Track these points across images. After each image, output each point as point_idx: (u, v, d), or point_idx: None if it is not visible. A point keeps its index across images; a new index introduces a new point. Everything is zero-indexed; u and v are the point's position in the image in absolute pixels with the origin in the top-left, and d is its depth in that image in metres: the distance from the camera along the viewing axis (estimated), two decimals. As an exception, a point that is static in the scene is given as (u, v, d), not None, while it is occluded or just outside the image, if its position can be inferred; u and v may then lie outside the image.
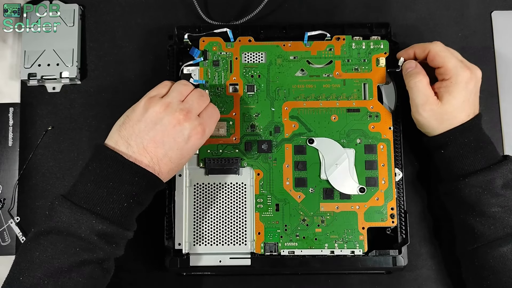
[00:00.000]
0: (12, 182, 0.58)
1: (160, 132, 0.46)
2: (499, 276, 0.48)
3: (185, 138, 0.46)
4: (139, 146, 0.45)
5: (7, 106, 0.60)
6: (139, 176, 0.44)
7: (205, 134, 0.48)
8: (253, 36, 0.56)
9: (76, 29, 0.60)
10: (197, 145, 0.48)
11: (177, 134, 0.46)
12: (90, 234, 0.42)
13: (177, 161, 0.47)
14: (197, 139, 0.47)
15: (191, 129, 0.46)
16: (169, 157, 0.46)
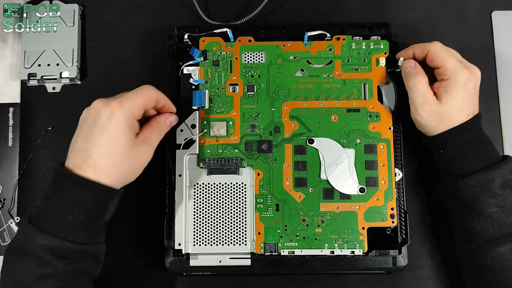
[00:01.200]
0: (12, 182, 0.58)
1: (84, 129, 0.46)
2: (497, 276, 0.48)
3: (104, 118, 0.45)
4: (73, 151, 0.45)
5: (7, 106, 0.60)
6: (81, 187, 0.44)
7: (123, 106, 0.45)
8: (253, 36, 0.56)
9: (76, 29, 0.60)
10: (119, 118, 0.45)
11: (96, 119, 0.45)
12: (37, 249, 0.43)
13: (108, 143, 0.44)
14: (116, 112, 0.45)
15: (105, 108, 0.45)
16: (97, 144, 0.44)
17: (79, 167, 0.44)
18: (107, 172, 0.45)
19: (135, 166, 0.46)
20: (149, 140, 0.48)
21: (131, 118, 0.46)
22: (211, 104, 0.55)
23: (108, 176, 0.45)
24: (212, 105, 0.55)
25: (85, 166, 0.44)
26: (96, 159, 0.44)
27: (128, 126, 0.45)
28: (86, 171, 0.44)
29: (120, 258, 0.57)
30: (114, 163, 0.45)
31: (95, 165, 0.44)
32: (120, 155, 0.45)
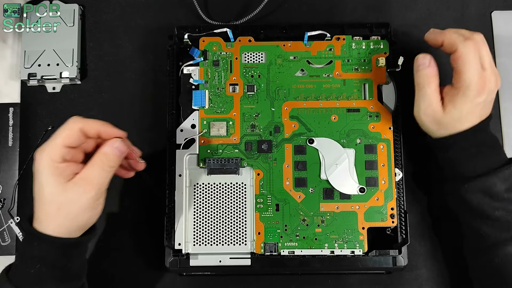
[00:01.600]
0: (12, 182, 0.58)
1: None
2: (505, 275, 0.47)
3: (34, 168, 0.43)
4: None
5: (7, 106, 0.60)
6: (37, 240, 0.43)
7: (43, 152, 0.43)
8: (253, 36, 0.56)
9: (76, 29, 0.60)
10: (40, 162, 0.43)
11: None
12: None
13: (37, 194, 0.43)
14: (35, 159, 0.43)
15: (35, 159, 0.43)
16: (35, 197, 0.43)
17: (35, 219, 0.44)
18: (48, 223, 0.43)
19: (74, 212, 0.43)
20: (86, 179, 0.43)
21: (53, 162, 0.42)
22: (211, 104, 0.55)
23: (50, 227, 0.43)
24: (212, 105, 0.55)
25: (36, 220, 0.44)
26: (38, 213, 0.43)
27: (51, 173, 0.42)
28: (38, 224, 0.43)
29: (120, 258, 0.57)
30: (48, 214, 0.43)
31: (38, 218, 0.43)
32: (50, 205, 0.43)
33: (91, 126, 0.44)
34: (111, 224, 0.57)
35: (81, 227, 0.44)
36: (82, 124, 0.44)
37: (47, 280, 0.43)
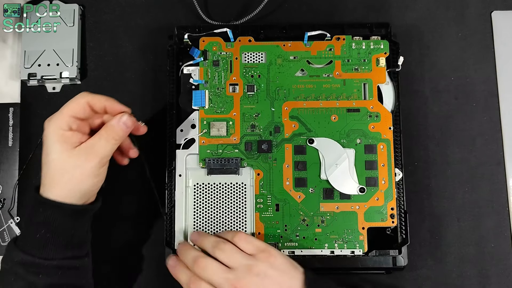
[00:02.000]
0: (12, 182, 0.58)
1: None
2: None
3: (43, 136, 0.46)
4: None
5: (7, 106, 0.60)
6: (42, 206, 0.44)
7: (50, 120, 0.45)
8: (253, 36, 0.56)
9: (76, 29, 0.60)
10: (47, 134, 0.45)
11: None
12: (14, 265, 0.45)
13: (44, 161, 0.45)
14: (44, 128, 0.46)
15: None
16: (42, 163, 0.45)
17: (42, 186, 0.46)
18: (52, 188, 0.45)
19: (77, 177, 0.44)
20: (91, 147, 0.45)
21: (60, 130, 0.45)
22: (211, 104, 0.55)
23: (54, 193, 0.44)
24: (212, 105, 0.55)
25: (40, 185, 0.46)
26: (42, 178, 0.45)
27: (57, 140, 0.44)
28: (44, 191, 0.45)
29: (120, 257, 0.57)
30: (53, 179, 0.45)
31: (43, 184, 0.45)
32: (55, 170, 0.44)
33: (98, 99, 0.46)
34: (111, 224, 0.57)
35: (83, 194, 0.45)
36: (89, 97, 0.46)
37: (51, 245, 0.44)
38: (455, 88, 0.60)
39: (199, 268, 0.46)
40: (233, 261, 0.46)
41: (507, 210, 0.57)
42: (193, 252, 0.48)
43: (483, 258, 0.56)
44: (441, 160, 0.58)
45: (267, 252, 0.47)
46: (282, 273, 0.46)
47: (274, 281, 0.45)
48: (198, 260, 0.47)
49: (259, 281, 0.45)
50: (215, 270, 0.46)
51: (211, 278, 0.45)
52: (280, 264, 0.46)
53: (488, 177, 0.58)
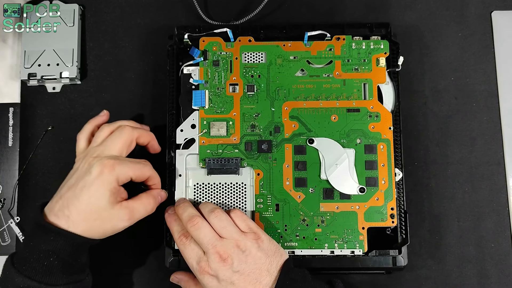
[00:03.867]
0: (12, 182, 0.58)
1: (74, 178, 0.48)
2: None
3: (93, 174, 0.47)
4: (56, 196, 0.47)
5: (7, 106, 0.60)
6: (54, 235, 0.45)
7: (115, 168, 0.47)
8: (253, 36, 0.56)
9: (76, 29, 0.60)
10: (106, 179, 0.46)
11: (86, 173, 0.47)
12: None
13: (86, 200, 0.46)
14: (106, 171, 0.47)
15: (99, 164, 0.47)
16: (77, 197, 0.46)
17: (55, 214, 0.46)
18: (77, 224, 0.46)
19: (105, 227, 0.47)
20: (132, 210, 0.48)
21: (116, 183, 0.47)
22: (211, 104, 0.55)
23: (77, 228, 0.46)
24: (212, 105, 0.55)
25: (60, 214, 0.46)
26: (71, 210, 0.46)
27: (110, 190, 0.47)
28: (60, 219, 0.46)
29: (120, 258, 0.57)
30: (86, 219, 0.46)
31: (68, 216, 0.46)
32: (93, 214, 0.46)
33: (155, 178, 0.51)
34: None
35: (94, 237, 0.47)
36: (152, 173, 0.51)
37: (57, 272, 0.45)
38: (455, 88, 0.60)
39: (193, 226, 0.48)
40: (225, 231, 0.48)
41: (507, 210, 0.57)
42: (191, 210, 0.50)
43: (483, 258, 0.57)
44: (441, 160, 0.58)
45: (257, 234, 0.48)
46: (264, 256, 0.47)
47: (255, 261, 0.47)
48: (194, 219, 0.48)
49: (242, 256, 0.46)
50: (206, 232, 0.47)
51: (201, 239, 0.47)
52: (266, 247, 0.48)
53: (488, 177, 0.58)
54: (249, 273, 0.46)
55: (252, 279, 0.46)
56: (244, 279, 0.46)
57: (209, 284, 0.47)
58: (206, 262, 0.47)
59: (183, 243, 0.48)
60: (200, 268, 0.47)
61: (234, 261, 0.46)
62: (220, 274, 0.46)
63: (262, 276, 0.46)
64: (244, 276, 0.46)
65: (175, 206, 0.52)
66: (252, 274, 0.46)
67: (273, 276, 0.47)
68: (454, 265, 0.56)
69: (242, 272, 0.46)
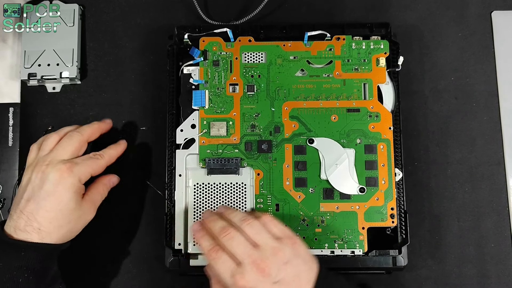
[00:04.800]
0: (12, 182, 0.58)
1: (30, 190, 0.47)
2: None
3: (52, 181, 0.46)
4: (16, 212, 0.47)
5: (7, 106, 0.60)
6: (23, 250, 0.44)
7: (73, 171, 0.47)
8: (253, 36, 0.56)
9: (76, 29, 0.60)
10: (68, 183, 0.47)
11: (44, 182, 0.47)
12: None
13: (55, 207, 0.46)
14: (65, 176, 0.47)
15: (55, 171, 0.47)
16: (44, 208, 0.46)
17: (23, 229, 0.45)
18: (51, 233, 0.46)
19: (78, 226, 0.48)
20: (93, 201, 0.50)
21: (79, 183, 0.48)
22: (211, 104, 0.55)
23: (52, 237, 0.46)
24: (212, 105, 0.55)
25: (29, 229, 0.45)
26: (41, 222, 0.45)
27: (75, 191, 0.47)
28: (30, 234, 0.45)
29: (120, 258, 0.57)
30: (60, 226, 0.46)
31: (39, 228, 0.45)
32: (65, 218, 0.47)
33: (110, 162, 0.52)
34: (111, 225, 0.57)
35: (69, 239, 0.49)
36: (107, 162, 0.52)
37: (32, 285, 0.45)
38: (455, 88, 0.60)
39: (226, 237, 0.45)
40: (261, 239, 0.44)
41: (507, 210, 0.57)
42: (222, 222, 0.47)
43: (483, 258, 0.57)
44: (441, 160, 0.58)
45: (293, 239, 0.45)
46: (303, 263, 0.45)
47: (295, 269, 0.44)
48: (227, 229, 0.45)
49: (281, 265, 0.43)
50: (241, 242, 0.44)
51: (235, 249, 0.44)
52: (303, 253, 0.45)
53: (488, 177, 0.58)
54: (289, 282, 0.43)
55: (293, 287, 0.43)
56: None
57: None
58: (242, 274, 0.42)
59: (213, 257, 0.45)
60: (235, 281, 0.42)
61: (273, 271, 0.42)
62: (260, 287, 0.42)
63: (302, 284, 0.44)
64: (284, 286, 0.43)
65: (203, 220, 0.49)
66: (293, 283, 0.43)
67: (310, 282, 0.44)
68: (454, 265, 0.56)
69: (281, 282, 0.43)
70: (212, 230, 0.47)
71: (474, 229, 0.57)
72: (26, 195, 0.47)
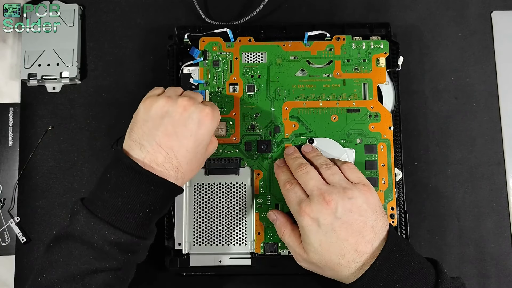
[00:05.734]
0: (12, 182, 0.58)
1: (169, 124, 0.44)
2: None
3: (196, 122, 0.45)
4: (152, 144, 0.44)
5: (7, 106, 0.60)
6: (154, 185, 0.43)
7: (215, 116, 0.46)
8: (253, 36, 0.56)
9: (76, 29, 0.60)
10: (209, 128, 0.46)
11: (187, 120, 0.44)
12: (104, 244, 0.41)
13: (194, 149, 0.45)
14: (208, 120, 0.45)
15: (199, 112, 0.45)
16: (185, 147, 0.44)
17: (161, 165, 0.43)
18: (185, 175, 0.45)
19: (196, 172, 0.48)
20: (209, 152, 0.49)
21: (214, 130, 0.47)
22: (211, 104, 0.55)
23: (184, 179, 0.45)
24: (212, 105, 0.55)
25: (167, 166, 0.44)
26: (181, 162, 0.44)
27: (210, 138, 0.47)
28: (169, 171, 0.44)
29: (120, 258, 0.57)
30: (192, 170, 0.46)
31: (178, 167, 0.44)
32: (198, 162, 0.47)
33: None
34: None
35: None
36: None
37: (148, 224, 0.44)
38: (455, 88, 0.60)
39: (301, 170, 0.47)
40: (333, 178, 0.46)
41: (507, 210, 0.57)
42: (302, 159, 0.50)
43: (483, 258, 0.57)
44: (441, 160, 0.58)
45: (367, 187, 0.46)
46: (371, 211, 0.44)
47: (360, 212, 0.44)
48: (304, 165, 0.48)
49: (347, 204, 0.44)
50: (314, 176, 0.46)
51: (308, 182, 0.46)
52: (375, 204, 0.45)
53: (488, 177, 0.58)
54: (352, 223, 0.43)
55: (355, 230, 0.43)
56: (346, 229, 0.43)
57: (308, 228, 0.44)
58: (308, 203, 0.44)
59: (287, 188, 0.47)
60: (300, 209, 0.44)
61: (338, 206, 0.43)
62: (321, 218, 0.43)
63: (366, 231, 0.43)
64: (346, 225, 0.43)
65: (285, 155, 0.52)
66: (355, 225, 0.43)
67: (377, 235, 0.44)
68: (454, 265, 0.56)
69: (345, 220, 0.43)
70: (291, 166, 0.49)
71: (474, 229, 0.57)
72: (164, 128, 0.44)
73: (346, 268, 0.44)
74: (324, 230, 0.43)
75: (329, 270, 0.45)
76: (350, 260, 0.43)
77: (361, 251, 0.43)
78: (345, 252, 0.43)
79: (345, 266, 0.44)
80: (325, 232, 0.43)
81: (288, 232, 0.48)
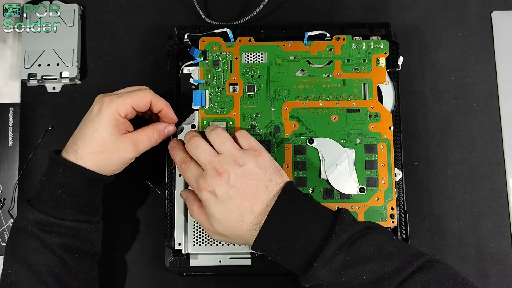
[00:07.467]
0: (12, 182, 0.58)
1: (82, 120, 0.50)
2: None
3: (94, 110, 0.49)
4: (69, 140, 0.50)
5: (7, 106, 0.60)
6: (62, 168, 0.47)
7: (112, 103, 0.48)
8: (253, 36, 0.56)
9: (76, 29, 0.60)
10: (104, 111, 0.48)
11: (89, 112, 0.49)
12: (28, 224, 0.47)
13: (91, 134, 0.48)
14: (104, 106, 0.48)
15: (98, 102, 0.49)
16: (82, 132, 0.48)
17: (66, 151, 0.49)
18: (84, 157, 0.48)
19: (113, 159, 0.49)
20: (135, 141, 0.49)
21: (117, 115, 0.48)
22: (211, 104, 0.55)
23: (85, 162, 0.48)
24: (212, 105, 0.55)
25: (69, 150, 0.48)
26: (78, 145, 0.48)
27: (111, 122, 0.48)
28: (69, 154, 0.48)
29: (120, 258, 0.57)
30: (92, 152, 0.48)
31: (76, 150, 0.48)
32: (98, 146, 0.48)
33: (160, 103, 0.51)
34: (111, 224, 0.57)
35: (107, 172, 0.50)
36: (153, 97, 0.50)
37: (65, 206, 0.47)
38: (455, 88, 0.60)
39: (192, 145, 0.48)
40: (223, 147, 0.48)
41: (507, 210, 0.58)
42: (193, 132, 0.51)
43: (483, 258, 0.57)
44: (441, 160, 0.58)
45: (257, 151, 0.48)
46: (263, 173, 0.46)
47: (253, 176, 0.46)
48: (193, 139, 0.49)
49: (239, 171, 0.46)
50: (204, 149, 0.48)
51: (199, 156, 0.48)
52: (266, 165, 0.47)
53: (488, 177, 0.58)
54: (245, 188, 0.45)
55: (249, 194, 0.45)
56: (241, 194, 0.45)
57: (208, 201, 0.46)
58: (204, 178, 0.46)
59: (183, 168, 0.49)
60: (198, 185, 0.47)
61: (230, 176, 0.45)
62: (217, 189, 0.45)
63: (259, 193, 0.46)
64: (241, 191, 0.45)
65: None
66: (249, 189, 0.45)
67: (271, 194, 0.46)
68: (454, 265, 0.56)
69: (238, 187, 0.45)
70: (184, 141, 0.51)
71: (474, 229, 0.57)
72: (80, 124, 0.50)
73: (247, 232, 0.46)
74: (222, 199, 0.45)
75: (236, 237, 0.47)
76: (249, 223, 0.45)
77: (257, 212, 0.45)
78: (243, 217, 0.45)
79: (246, 230, 0.46)
80: (223, 201, 0.46)
81: (196, 209, 0.49)
